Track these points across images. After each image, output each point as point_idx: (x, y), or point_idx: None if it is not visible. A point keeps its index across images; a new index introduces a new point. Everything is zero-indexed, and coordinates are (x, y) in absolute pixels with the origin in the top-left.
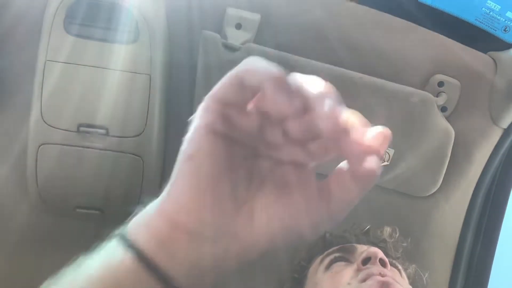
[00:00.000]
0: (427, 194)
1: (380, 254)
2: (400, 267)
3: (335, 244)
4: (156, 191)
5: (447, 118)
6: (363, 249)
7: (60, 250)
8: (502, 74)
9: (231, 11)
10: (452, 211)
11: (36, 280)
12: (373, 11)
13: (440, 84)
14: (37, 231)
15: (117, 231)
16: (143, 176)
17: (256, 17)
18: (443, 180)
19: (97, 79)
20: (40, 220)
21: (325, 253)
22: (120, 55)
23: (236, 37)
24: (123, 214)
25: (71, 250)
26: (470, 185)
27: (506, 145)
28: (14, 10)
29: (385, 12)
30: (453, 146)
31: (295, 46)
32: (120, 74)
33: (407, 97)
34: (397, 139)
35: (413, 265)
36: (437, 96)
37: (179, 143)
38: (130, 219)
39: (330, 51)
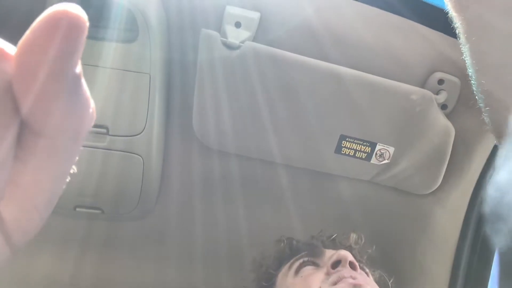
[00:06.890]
0: (427, 192)
1: (350, 257)
2: (367, 270)
3: (303, 250)
4: (156, 190)
5: (447, 116)
6: (332, 253)
7: (59, 249)
8: None
9: (231, 10)
10: (452, 209)
11: (35, 278)
12: (374, 9)
13: (440, 81)
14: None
15: None
16: (143, 175)
17: (256, 15)
18: (443, 178)
19: (97, 78)
20: None
21: (294, 258)
22: (120, 54)
23: (235, 36)
24: (123, 213)
25: (70, 249)
26: (470, 183)
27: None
28: (13, 9)
29: (384, 10)
30: (453, 144)
31: (295, 44)
32: (120, 73)
33: (407, 95)
34: (397, 137)
35: (378, 271)
36: (437, 94)
37: (179, 141)
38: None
39: (330, 49)
